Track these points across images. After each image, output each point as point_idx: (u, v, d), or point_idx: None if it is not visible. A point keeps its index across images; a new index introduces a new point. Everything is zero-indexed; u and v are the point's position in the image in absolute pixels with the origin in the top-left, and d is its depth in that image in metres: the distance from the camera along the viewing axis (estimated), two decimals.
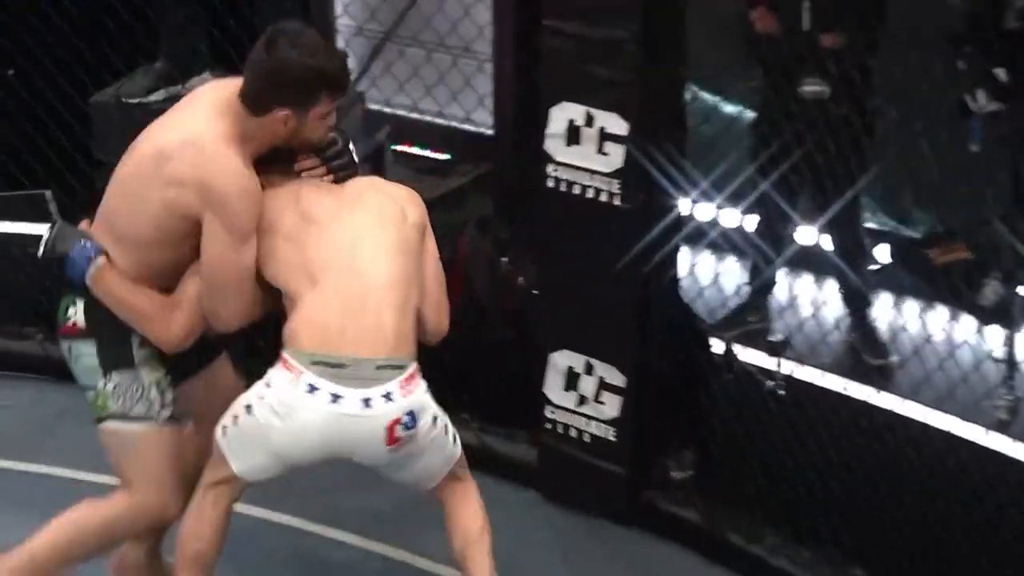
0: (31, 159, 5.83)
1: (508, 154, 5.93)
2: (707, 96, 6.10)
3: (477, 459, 5.17)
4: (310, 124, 3.95)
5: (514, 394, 5.19)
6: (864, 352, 5.88)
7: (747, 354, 5.13)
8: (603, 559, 4.93)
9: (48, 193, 5.67)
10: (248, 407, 3.95)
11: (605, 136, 4.75)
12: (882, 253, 6.20)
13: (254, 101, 3.89)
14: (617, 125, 4.73)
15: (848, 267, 5.83)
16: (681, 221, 4.95)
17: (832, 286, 5.94)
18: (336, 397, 3.86)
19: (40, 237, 4.06)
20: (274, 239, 3.97)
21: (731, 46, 5.78)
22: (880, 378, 5.56)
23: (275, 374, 3.91)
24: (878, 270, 6.15)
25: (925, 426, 4.89)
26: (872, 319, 5.91)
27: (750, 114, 5.99)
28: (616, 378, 4.91)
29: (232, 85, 3.95)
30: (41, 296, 5.62)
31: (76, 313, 4.01)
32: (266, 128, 3.92)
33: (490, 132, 6.01)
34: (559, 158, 4.85)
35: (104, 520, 4.10)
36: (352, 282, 3.93)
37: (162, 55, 5.59)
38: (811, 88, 5.52)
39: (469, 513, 4.22)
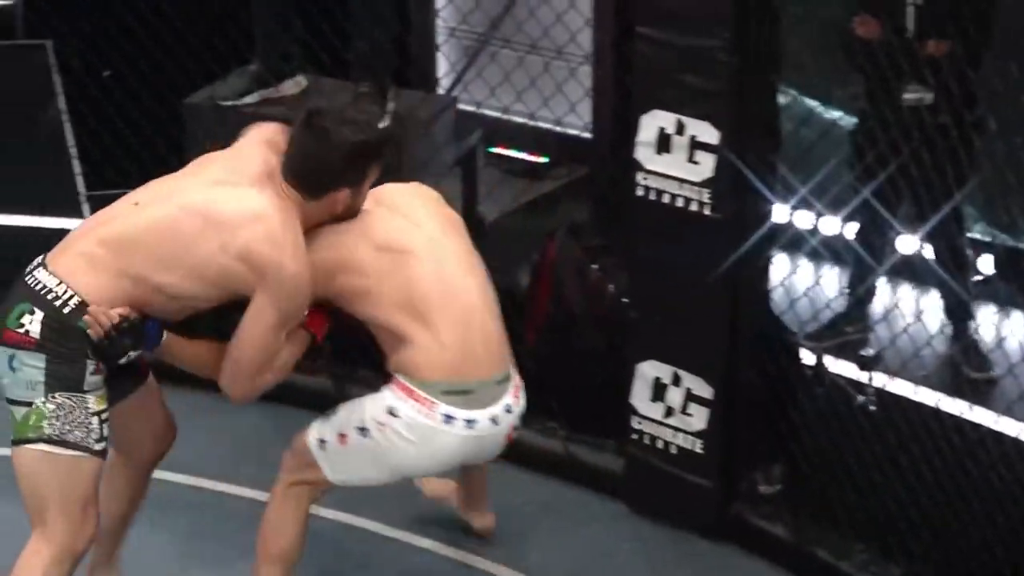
0: (126, 160, 5.87)
1: (605, 159, 5.89)
2: (807, 100, 6.01)
3: (563, 468, 5.22)
4: (363, 194, 4.00)
5: (602, 403, 5.13)
6: (965, 365, 5.78)
7: (838, 366, 5.05)
8: (690, 573, 4.88)
9: None
10: (362, 430, 4.09)
11: (696, 145, 4.69)
12: (986, 264, 6.10)
13: (313, 187, 3.90)
14: (708, 134, 4.67)
15: (950, 277, 5.74)
16: (772, 231, 4.87)
17: (932, 297, 5.84)
18: (470, 422, 4.11)
19: None
20: (359, 278, 4.03)
21: (831, 50, 5.70)
22: (981, 392, 5.48)
23: (400, 404, 4.07)
24: (982, 281, 6.07)
25: (1019, 442, 4.79)
26: (974, 331, 5.81)
27: (850, 120, 5.91)
28: (704, 390, 4.85)
29: (275, 145, 3.95)
30: None
31: (32, 323, 3.81)
32: (321, 210, 3.95)
33: (587, 135, 5.98)
34: (649, 166, 4.79)
35: None
36: (455, 304, 4.10)
37: (256, 57, 5.58)
38: (913, 95, 5.43)
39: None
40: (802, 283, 5.46)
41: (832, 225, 5.92)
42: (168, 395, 5.50)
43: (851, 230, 5.86)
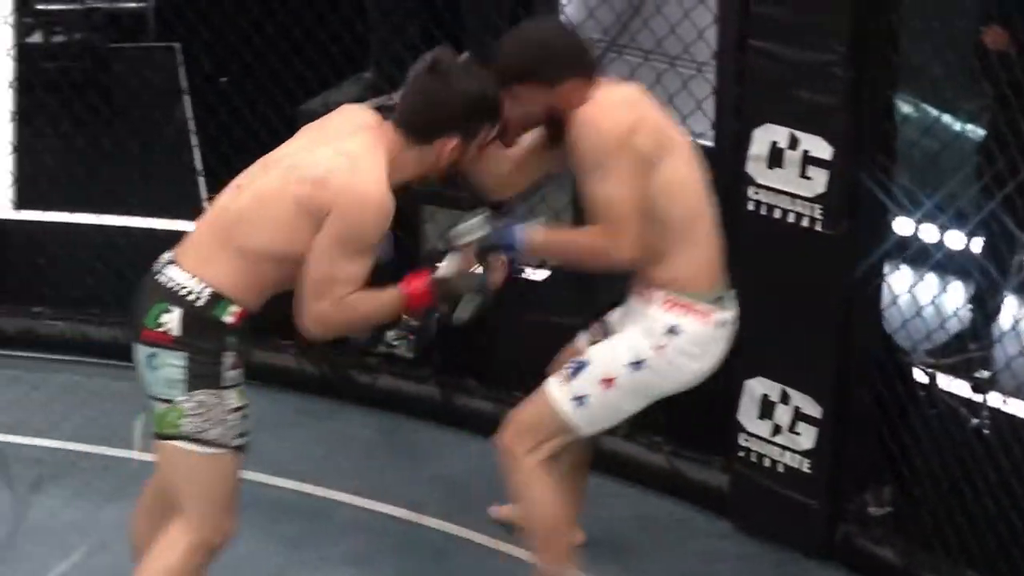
0: (241, 166, 5.91)
1: (727, 167, 5.81)
2: (931, 110, 5.90)
3: (667, 483, 5.18)
4: (471, 154, 3.93)
5: (709, 419, 5.07)
6: None
7: (953, 386, 4.95)
8: None
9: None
10: (636, 363, 4.17)
11: (809, 160, 4.63)
12: None
13: (423, 130, 3.86)
14: (822, 149, 4.60)
15: None
16: (885, 249, 4.79)
17: None
18: (729, 323, 4.29)
19: None
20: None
21: (958, 62, 5.59)
22: None
23: (680, 321, 4.17)
24: None
25: None
26: None
27: (977, 131, 5.81)
28: (812, 409, 4.77)
29: (363, 116, 3.96)
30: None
31: (170, 321, 3.83)
32: (424, 159, 3.90)
33: (710, 144, 5.90)
34: (760, 181, 4.74)
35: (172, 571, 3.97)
36: (707, 215, 4.25)
37: (371, 65, 5.62)
38: None
39: None
40: (919, 299, 5.34)
41: (957, 239, 5.80)
42: (273, 398, 5.62)
43: (976, 244, 5.73)
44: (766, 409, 4.87)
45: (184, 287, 3.83)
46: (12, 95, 6.33)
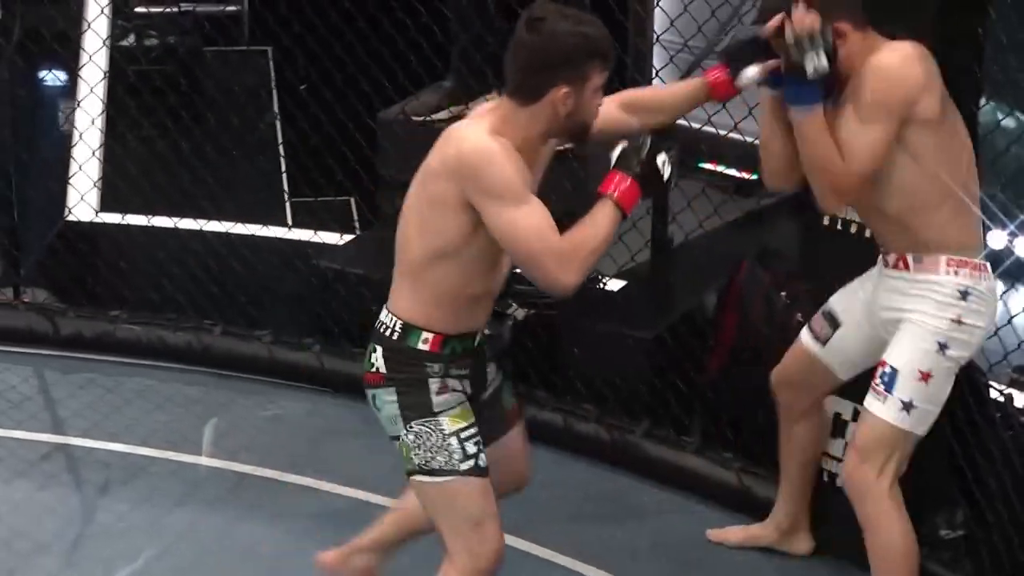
0: (317, 173, 6.00)
1: None
2: None
3: (736, 500, 5.14)
4: (587, 101, 3.76)
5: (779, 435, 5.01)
6: None
7: None
8: None
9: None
10: (942, 346, 4.17)
11: None
12: None
13: (527, 86, 3.73)
14: None
15: None
16: None
17: None
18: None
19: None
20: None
21: None
22: None
23: (966, 282, 4.17)
24: None
25: None
26: None
27: None
28: None
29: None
30: (320, 309, 5.80)
31: (377, 360, 3.91)
32: (539, 116, 3.73)
33: None
34: None
35: None
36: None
37: (450, 74, 5.67)
38: None
39: None
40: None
41: None
42: (347, 406, 5.64)
43: None
44: (838, 427, 4.80)
45: (383, 324, 3.89)
46: (103, 98, 6.46)
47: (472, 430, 3.91)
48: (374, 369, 3.91)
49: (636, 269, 5.83)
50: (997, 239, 5.22)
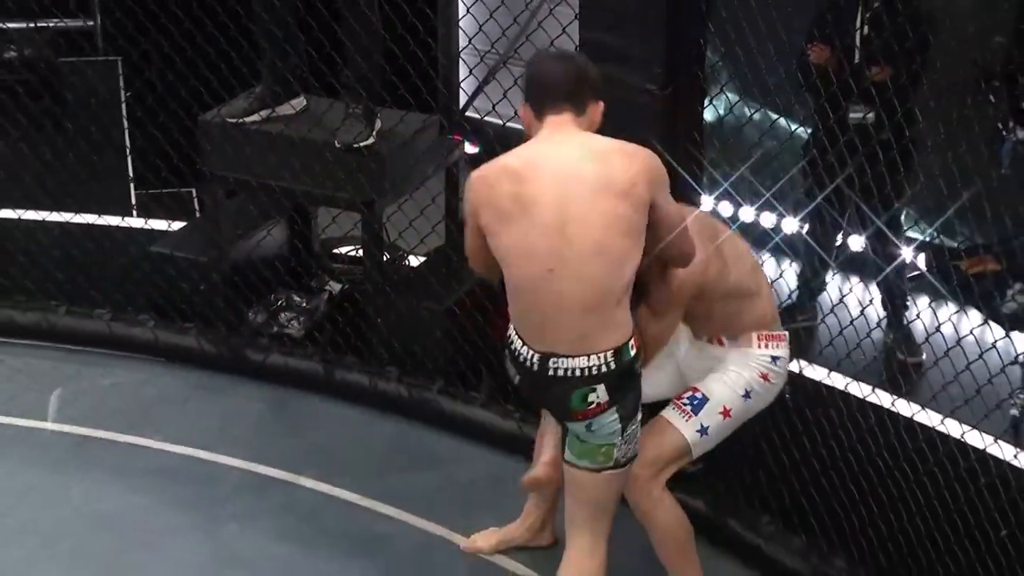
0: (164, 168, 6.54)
1: None
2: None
3: (520, 446, 5.50)
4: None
5: None
6: (898, 350, 6.33)
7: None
8: None
9: None
10: (747, 394, 4.60)
11: None
12: (921, 261, 6.60)
13: (581, 100, 4.28)
14: None
15: (888, 272, 6.28)
16: None
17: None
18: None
19: None
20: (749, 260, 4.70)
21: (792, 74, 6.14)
22: (910, 376, 5.89)
23: (779, 352, 4.63)
24: (916, 276, 6.54)
25: None
26: (908, 320, 6.32)
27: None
28: None
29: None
30: (152, 289, 6.30)
31: (599, 395, 4.23)
32: (589, 125, 4.34)
33: None
34: None
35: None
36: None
37: (261, 80, 5.97)
38: (858, 114, 6.00)
39: None
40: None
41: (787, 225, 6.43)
42: (175, 374, 6.08)
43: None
44: None
45: (588, 368, 4.22)
46: None
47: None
48: (593, 404, 4.26)
49: (435, 245, 6.24)
50: (748, 213, 5.87)
